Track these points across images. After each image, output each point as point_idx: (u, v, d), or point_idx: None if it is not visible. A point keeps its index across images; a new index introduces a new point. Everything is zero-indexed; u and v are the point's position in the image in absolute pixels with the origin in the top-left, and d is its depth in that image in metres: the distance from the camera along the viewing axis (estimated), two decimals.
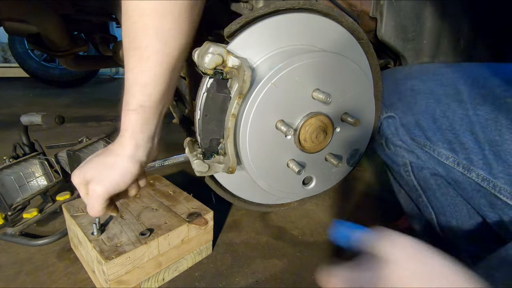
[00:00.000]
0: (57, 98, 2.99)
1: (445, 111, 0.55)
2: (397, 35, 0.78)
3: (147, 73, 0.42)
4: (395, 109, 0.62)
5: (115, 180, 0.46)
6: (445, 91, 0.56)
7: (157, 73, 0.42)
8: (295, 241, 1.04)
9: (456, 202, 0.60)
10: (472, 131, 0.51)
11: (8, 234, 0.91)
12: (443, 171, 0.58)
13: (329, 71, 0.53)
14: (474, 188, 0.54)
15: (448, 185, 0.60)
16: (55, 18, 1.12)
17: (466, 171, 0.53)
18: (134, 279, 0.74)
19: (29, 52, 3.17)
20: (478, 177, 0.52)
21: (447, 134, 0.55)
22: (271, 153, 0.54)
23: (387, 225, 1.22)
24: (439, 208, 0.63)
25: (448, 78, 0.57)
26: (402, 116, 0.61)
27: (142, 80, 0.42)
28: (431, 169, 0.61)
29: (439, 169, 0.59)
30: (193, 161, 0.53)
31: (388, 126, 0.63)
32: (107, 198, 0.48)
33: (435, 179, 0.61)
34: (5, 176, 0.92)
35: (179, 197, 0.96)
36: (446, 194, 0.61)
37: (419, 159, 0.61)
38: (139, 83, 0.42)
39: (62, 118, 1.03)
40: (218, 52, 0.46)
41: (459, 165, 0.54)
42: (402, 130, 0.61)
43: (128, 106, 0.44)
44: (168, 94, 0.47)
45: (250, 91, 0.48)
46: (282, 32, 0.51)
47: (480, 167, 0.51)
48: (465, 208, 0.59)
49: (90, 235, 0.74)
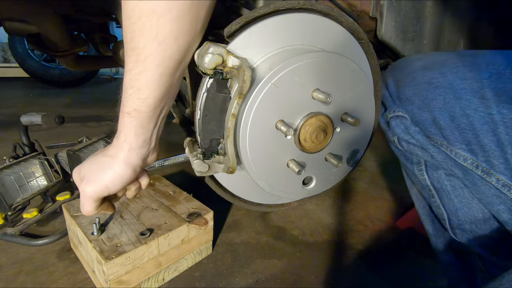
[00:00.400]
0: (57, 98, 2.99)
1: (465, 108, 0.49)
2: (397, 35, 0.78)
3: (143, 75, 0.40)
4: (410, 104, 0.57)
5: (104, 183, 0.45)
6: (467, 86, 0.50)
7: (154, 76, 0.40)
8: (295, 241, 1.04)
9: (471, 205, 0.56)
10: (495, 132, 0.47)
11: (8, 234, 0.91)
12: (460, 172, 0.54)
13: (329, 71, 0.53)
14: (493, 194, 0.50)
15: (464, 187, 0.57)
16: (55, 18, 1.12)
17: (485, 175, 0.49)
18: (134, 279, 0.74)
19: (29, 52, 3.17)
20: (498, 182, 0.48)
21: (466, 134, 0.50)
22: (271, 153, 0.54)
23: (387, 225, 1.22)
24: (452, 210, 0.59)
25: (470, 70, 0.51)
26: (417, 112, 0.56)
27: (138, 82, 0.40)
28: (447, 170, 0.57)
29: (456, 170, 0.54)
30: (193, 161, 0.53)
31: (397, 125, 0.59)
32: (96, 199, 0.47)
33: (450, 180, 0.58)
34: (5, 176, 0.92)
35: (179, 197, 0.96)
36: (461, 196, 0.57)
37: (434, 158, 0.57)
38: (135, 85, 0.41)
39: (62, 118, 1.03)
40: (218, 52, 0.46)
41: (478, 168, 0.50)
42: (414, 129, 0.57)
43: (123, 108, 0.43)
44: (167, 99, 0.45)
45: (250, 91, 0.48)
46: (282, 32, 0.51)
47: (501, 171, 0.47)
48: (480, 212, 0.56)
49: (90, 235, 0.74)
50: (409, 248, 1.06)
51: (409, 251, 1.04)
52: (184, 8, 0.37)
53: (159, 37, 0.38)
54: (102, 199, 0.49)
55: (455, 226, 0.61)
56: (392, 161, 1.68)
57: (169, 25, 0.37)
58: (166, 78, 0.41)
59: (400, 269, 0.96)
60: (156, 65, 0.39)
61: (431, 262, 0.99)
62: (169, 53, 0.39)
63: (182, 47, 0.40)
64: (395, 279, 0.92)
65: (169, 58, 0.40)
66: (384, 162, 1.81)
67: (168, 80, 0.42)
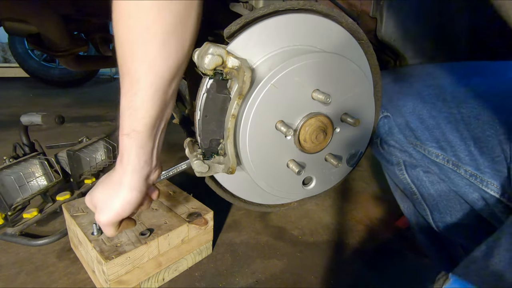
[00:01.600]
0: (57, 98, 2.99)
1: (431, 110, 0.57)
2: (397, 35, 0.78)
3: (138, 96, 0.42)
4: (388, 110, 0.65)
5: (116, 212, 0.48)
6: (430, 92, 0.58)
7: (148, 95, 0.42)
8: (295, 241, 1.04)
9: (449, 197, 0.61)
10: (458, 129, 0.53)
11: (8, 234, 0.91)
12: (436, 168, 0.60)
13: (329, 72, 0.53)
14: (465, 184, 0.56)
15: (440, 181, 0.62)
16: (55, 18, 1.12)
17: (455, 168, 0.55)
18: (134, 279, 0.74)
19: (29, 52, 3.16)
20: (466, 173, 0.54)
21: (434, 133, 0.57)
22: (271, 153, 0.54)
23: (387, 225, 1.22)
24: (433, 205, 0.64)
25: (434, 78, 0.60)
26: (393, 118, 0.63)
27: (134, 104, 0.42)
28: (424, 167, 0.62)
29: (431, 166, 0.60)
30: (193, 161, 0.53)
31: (383, 125, 0.65)
32: (113, 225, 0.50)
33: (428, 176, 0.63)
34: (5, 176, 0.92)
35: (179, 197, 0.96)
36: (439, 191, 0.62)
37: (412, 157, 0.63)
38: (131, 107, 0.42)
39: (62, 118, 1.03)
40: (218, 53, 0.46)
41: (448, 162, 0.56)
42: (396, 130, 0.63)
43: (122, 131, 0.45)
44: (163, 116, 0.46)
45: (250, 92, 0.48)
46: (282, 32, 0.51)
47: (467, 163, 0.53)
48: (458, 203, 0.61)
49: (90, 235, 0.74)
50: (409, 248, 1.06)
51: (409, 251, 1.04)
52: (169, 30, 0.39)
53: (149, 60, 0.40)
54: (119, 221, 0.52)
55: (437, 220, 0.65)
56: None
57: (157, 49, 0.40)
58: (159, 96, 0.43)
59: (400, 269, 0.96)
60: (149, 86, 0.41)
61: (431, 262, 0.99)
62: (160, 73, 0.41)
63: (171, 66, 0.42)
64: (395, 279, 0.92)
65: (160, 77, 0.42)
66: None
67: (161, 97, 0.43)
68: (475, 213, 0.59)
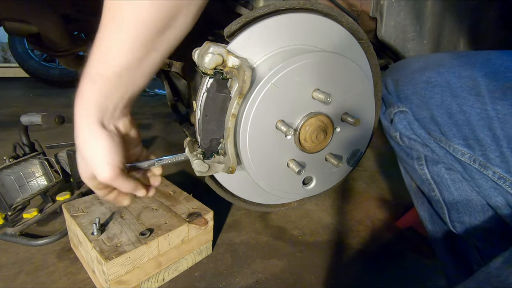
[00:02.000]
0: (57, 98, 2.99)
1: (461, 105, 0.52)
2: (397, 35, 0.78)
3: (117, 34, 0.37)
4: (409, 103, 0.59)
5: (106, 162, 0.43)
6: (462, 84, 0.52)
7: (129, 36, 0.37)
8: (295, 241, 1.04)
9: (471, 197, 0.58)
10: (490, 127, 0.49)
11: (8, 234, 0.91)
12: (459, 166, 0.56)
13: (329, 71, 0.53)
14: (491, 186, 0.52)
15: (463, 180, 0.58)
16: (55, 18, 1.12)
17: (482, 168, 0.51)
18: (134, 279, 0.74)
19: (29, 52, 3.17)
20: (495, 175, 0.50)
21: (463, 130, 0.52)
22: (271, 153, 0.54)
23: (387, 225, 1.22)
24: (452, 204, 0.61)
25: (466, 69, 0.53)
26: (416, 111, 0.58)
27: (108, 43, 0.38)
28: (447, 164, 0.59)
29: (455, 164, 0.56)
30: (193, 161, 0.53)
31: (400, 120, 0.61)
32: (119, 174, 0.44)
33: (450, 173, 0.59)
34: (5, 176, 0.92)
35: (179, 197, 0.96)
36: (460, 189, 0.59)
37: (434, 153, 0.59)
38: (105, 45, 0.38)
39: (62, 118, 1.03)
40: (218, 52, 0.46)
41: (475, 162, 0.52)
42: (416, 124, 0.59)
43: (86, 73, 0.40)
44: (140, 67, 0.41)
45: (250, 91, 0.48)
46: (282, 32, 0.51)
47: (497, 164, 0.49)
48: (479, 204, 0.57)
49: (90, 235, 0.74)
50: (409, 248, 1.06)
51: (409, 251, 1.04)
52: None
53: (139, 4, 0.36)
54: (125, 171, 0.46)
55: (455, 219, 0.62)
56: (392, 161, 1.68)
57: None
58: (142, 40, 0.39)
59: (400, 269, 0.96)
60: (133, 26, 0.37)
61: (431, 262, 0.99)
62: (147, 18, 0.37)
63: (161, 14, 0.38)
64: (395, 279, 0.92)
65: (147, 23, 0.37)
66: (384, 162, 1.81)
67: (144, 43, 0.39)
68: (496, 216, 0.56)
